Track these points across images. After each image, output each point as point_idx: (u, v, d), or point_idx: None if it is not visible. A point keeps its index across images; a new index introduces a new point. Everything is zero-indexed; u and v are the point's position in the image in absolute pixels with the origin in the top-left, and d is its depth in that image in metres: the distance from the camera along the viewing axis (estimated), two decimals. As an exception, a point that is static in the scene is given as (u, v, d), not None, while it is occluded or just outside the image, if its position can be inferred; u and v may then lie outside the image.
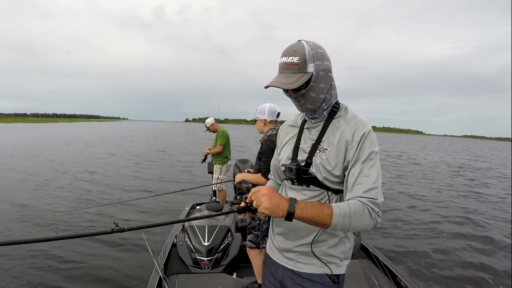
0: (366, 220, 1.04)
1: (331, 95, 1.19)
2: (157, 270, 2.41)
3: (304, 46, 1.10)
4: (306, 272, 1.20)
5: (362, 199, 1.05)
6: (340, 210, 1.03)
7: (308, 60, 1.10)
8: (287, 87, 1.10)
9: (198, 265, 2.78)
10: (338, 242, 1.19)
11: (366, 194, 1.05)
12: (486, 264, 4.47)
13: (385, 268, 2.69)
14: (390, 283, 2.53)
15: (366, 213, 1.04)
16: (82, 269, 3.71)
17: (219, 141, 5.19)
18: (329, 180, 1.15)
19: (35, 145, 19.01)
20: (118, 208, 6.19)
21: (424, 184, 11.36)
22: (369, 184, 1.06)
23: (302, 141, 1.25)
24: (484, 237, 5.68)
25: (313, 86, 1.13)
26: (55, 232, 4.85)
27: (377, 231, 5.67)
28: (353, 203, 1.05)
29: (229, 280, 2.56)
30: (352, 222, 1.03)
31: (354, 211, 1.03)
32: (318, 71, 1.11)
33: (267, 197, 1.03)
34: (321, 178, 1.16)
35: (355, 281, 2.57)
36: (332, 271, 1.18)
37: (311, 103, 1.17)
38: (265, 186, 1.12)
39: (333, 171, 1.13)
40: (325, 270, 1.18)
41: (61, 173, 9.81)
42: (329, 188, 1.16)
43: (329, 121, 1.19)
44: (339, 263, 1.20)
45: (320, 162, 1.15)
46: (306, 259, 1.20)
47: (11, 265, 3.73)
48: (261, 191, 1.06)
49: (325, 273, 1.19)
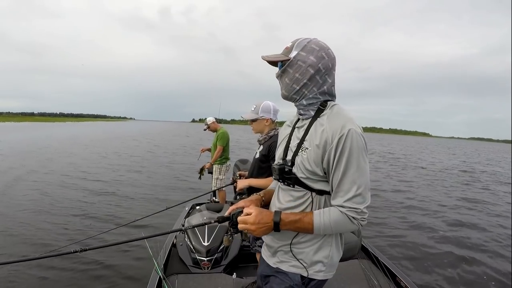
0: (348, 227, 1.10)
1: (312, 93, 1.19)
2: (157, 270, 2.43)
3: (305, 38, 1.17)
4: (282, 269, 1.24)
5: (342, 209, 1.08)
6: (320, 220, 1.11)
7: (295, 47, 1.17)
8: (263, 57, 1.20)
9: (198, 265, 2.79)
10: (320, 246, 1.19)
11: (347, 203, 1.08)
12: (488, 266, 4.44)
13: (385, 268, 2.68)
14: (390, 283, 2.52)
15: (347, 222, 1.08)
16: (82, 269, 3.71)
17: (219, 143, 5.16)
18: (310, 179, 1.16)
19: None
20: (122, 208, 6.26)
21: (429, 185, 11.28)
22: (352, 192, 1.07)
23: (291, 140, 1.27)
24: (486, 237, 5.64)
25: (288, 72, 1.18)
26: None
27: (378, 231, 5.66)
28: (334, 213, 1.10)
29: (229, 280, 2.56)
30: (334, 230, 1.12)
31: (335, 221, 1.09)
32: (297, 60, 1.16)
33: (255, 226, 1.14)
34: (302, 178, 1.17)
35: (355, 281, 2.56)
36: (309, 274, 1.19)
37: (285, 90, 1.22)
38: (252, 214, 1.17)
39: (313, 170, 1.14)
40: (301, 271, 1.20)
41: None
42: (312, 189, 1.17)
43: (314, 119, 1.19)
44: (320, 268, 1.20)
45: (301, 161, 1.16)
46: (287, 258, 1.23)
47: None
48: (249, 221, 1.15)
49: (300, 273, 1.20)
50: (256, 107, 2.54)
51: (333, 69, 1.19)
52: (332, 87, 1.21)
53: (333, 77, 1.21)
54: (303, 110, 1.23)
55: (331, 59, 1.18)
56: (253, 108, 2.56)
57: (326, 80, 1.18)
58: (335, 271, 1.25)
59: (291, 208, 1.21)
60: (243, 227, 1.17)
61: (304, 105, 1.21)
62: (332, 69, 1.19)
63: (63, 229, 4.97)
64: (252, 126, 2.57)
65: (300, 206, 1.19)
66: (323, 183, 1.16)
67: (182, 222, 3.58)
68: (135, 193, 7.53)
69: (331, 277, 1.24)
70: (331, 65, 1.18)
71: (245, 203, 1.31)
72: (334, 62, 1.19)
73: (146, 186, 8.51)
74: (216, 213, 3.38)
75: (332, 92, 1.22)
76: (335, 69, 1.21)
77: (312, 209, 1.17)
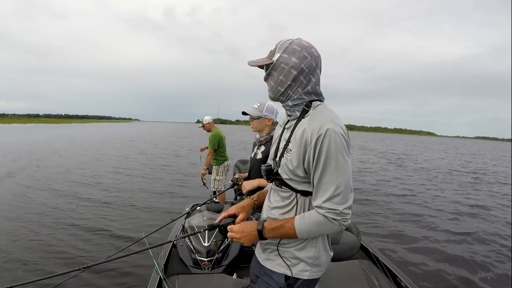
0: (329, 228, 1.11)
1: (297, 93, 1.19)
2: (157, 270, 2.44)
3: (287, 40, 1.18)
4: (268, 268, 1.25)
5: (321, 211, 1.09)
6: (301, 224, 1.12)
7: (277, 50, 1.18)
8: (249, 63, 1.21)
9: (198, 265, 2.79)
10: (305, 245, 1.20)
11: (326, 204, 1.08)
12: (488, 266, 4.42)
13: (385, 268, 2.67)
14: (390, 283, 2.51)
15: (328, 223, 1.09)
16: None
17: (209, 145, 5.07)
18: (294, 181, 1.17)
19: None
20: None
21: (433, 186, 11.19)
22: (330, 192, 1.07)
23: (280, 141, 1.28)
24: (488, 239, 5.59)
25: (273, 75, 1.20)
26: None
27: (378, 232, 5.65)
28: (313, 215, 1.11)
29: (229, 281, 2.56)
30: (317, 233, 1.13)
31: (315, 224, 1.10)
32: (280, 62, 1.17)
33: (240, 235, 1.21)
34: (285, 179, 1.19)
35: (355, 282, 2.55)
36: (293, 274, 1.19)
37: (271, 92, 1.24)
38: (237, 225, 1.26)
39: (295, 171, 1.15)
40: (285, 271, 1.21)
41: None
42: (296, 190, 1.18)
43: (299, 120, 1.19)
44: (305, 267, 1.20)
45: (285, 162, 1.18)
46: (273, 257, 1.24)
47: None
48: (234, 229, 1.23)
49: (284, 273, 1.21)
50: (260, 105, 2.49)
51: (317, 68, 1.19)
52: (316, 86, 1.21)
53: (317, 76, 1.20)
54: (289, 111, 1.24)
55: (314, 58, 1.17)
56: (257, 106, 2.50)
57: (310, 79, 1.18)
58: (324, 270, 1.25)
59: (278, 208, 1.24)
60: (230, 235, 1.24)
61: (290, 106, 1.22)
62: (316, 68, 1.19)
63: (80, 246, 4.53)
64: (253, 124, 2.53)
65: (286, 207, 1.21)
66: (306, 184, 1.16)
67: (182, 222, 3.59)
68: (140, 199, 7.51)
69: (319, 276, 1.24)
70: (315, 64, 1.17)
71: (237, 209, 1.33)
72: (318, 60, 1.19)
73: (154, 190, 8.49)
74: (216, 213, 3.39)
75: (317, 91, 1.21)
76: (320, 67, 1.20)
77: (297, 209, 1.19)
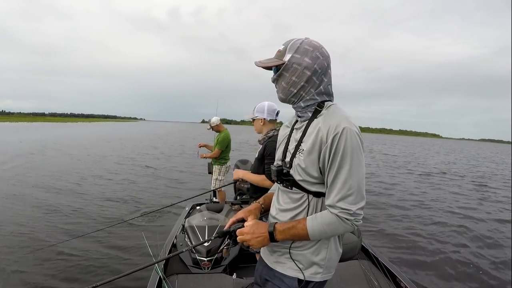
0: (341, 228, 1.09)
1: (310, 94, 1.18)
2: (157, 270, 2.44)
3: (297, 40, 1.16)
4: (279, 272, 1.23)
5: (334, 210, 1.08)
6: (313, 224, 1.10)
7: (288, 50, 1.16)
8: (256, 64, 1.18)
9: (198, 265, 2.80)
10: (318, 248, 1.18)
11: (339, 203, 1.06)
12: (489, 266, 4.41)
13: (385, 269, 2.66)
14: (390, 284, 2.50)
15: (341, 223, 1.07)
16: (82, 269, 3.72)
17: (218, 146, 5.12)
18: (307, 182, 1.15)
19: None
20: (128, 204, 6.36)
21: (435, 188, 11.09)
22: (343, 191, 1.06)
23: (290, 142, 1.26)
24: (489, 241, 5.56)
25: (284, 76, 1.17)
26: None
27: (377, 232, 5.63)
28: (325, 216, 1.10)
29: (229, 281, 2.56)
30: (330, 233, 1.11)
31: (328, 224, 1.09)
32: (292, 63, 1.15)
33: (250, 236, 1.17)
34: (299, 180, 1.16)
35: (355, 282, 2.55)
36: (305, 277, 1.18)
37: (282, 93, 1.21)
38: (248, 226, 1.22)
39: (309, 172, 1.13)
40: (298, 274, 1.18)
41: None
42: (309, 191, 1.16)
43: (311, 120, 1.18)
44: (318, 270, 1.19)
45: (298, 163, 1.16)
46: (284, 260, 1.22)
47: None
48: (244, 232, 1.20)
49: (297, 277, 1.19)
50: (254, 108, 2.63)
51: (328, 67, 1.18)
52: (328, 85, 1.20)
53: (329, 76, 1.19)
54: (300, 112, 1.22)
55: (325, 57, 1.17)
56: (253, 109, 2.66)
57: (322, 80, 1.18)
58: (334, 271, 1.24)
59: (289, 210, 1.21)
60: (240, 238, 1.20)
61: (302, 107, 1.20)
62: (328, 68, 1.18)
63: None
64: (253, 126, 2.69)
65: (297, 208, 1.19)
66: (319, 185, 1.15)
67: (182, 222, 3.60)
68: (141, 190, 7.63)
69: (330, 277, 1.23)
70: (327, 64, 1.17)
71: (244, 213, 1.31)
72: (329, 60, 1.18)
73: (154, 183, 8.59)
74: (216, 213, 3.39)
75: (329, 91, 1.21)
76: (330, 67, 1.19)
77: (309, 211, 1.17)
